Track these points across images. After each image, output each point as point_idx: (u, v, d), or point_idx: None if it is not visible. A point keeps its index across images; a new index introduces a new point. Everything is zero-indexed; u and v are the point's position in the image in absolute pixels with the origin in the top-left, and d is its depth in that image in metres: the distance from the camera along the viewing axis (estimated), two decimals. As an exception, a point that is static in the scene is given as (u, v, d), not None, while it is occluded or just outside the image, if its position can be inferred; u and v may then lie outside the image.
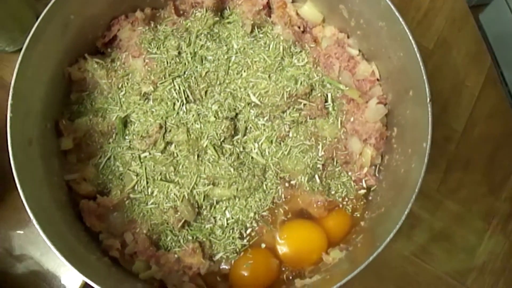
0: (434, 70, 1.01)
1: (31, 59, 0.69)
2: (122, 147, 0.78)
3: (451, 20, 1.05)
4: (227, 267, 0.76)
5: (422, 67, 0.68)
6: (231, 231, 0.76)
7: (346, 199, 0.79)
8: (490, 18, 1.67)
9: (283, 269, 0.77)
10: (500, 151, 1.00)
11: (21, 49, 0.68)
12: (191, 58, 0.79)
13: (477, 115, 1.01)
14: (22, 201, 0.68)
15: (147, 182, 0.76)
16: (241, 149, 0.78)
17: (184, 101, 0.78)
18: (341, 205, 0.79)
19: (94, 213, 0.75)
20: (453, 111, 1.00)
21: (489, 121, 1.01)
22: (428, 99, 0.67)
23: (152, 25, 0.82)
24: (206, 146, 0.76)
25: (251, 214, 0.77)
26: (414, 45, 0.69)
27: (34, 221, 0.63)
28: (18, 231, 0.87)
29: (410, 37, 0.69)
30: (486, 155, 0.99)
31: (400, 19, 0.70)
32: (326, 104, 0.80)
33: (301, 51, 0.82)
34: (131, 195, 0.76)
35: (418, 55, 0.69)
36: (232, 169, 0.75)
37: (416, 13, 1.04)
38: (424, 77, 0.68)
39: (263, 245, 0.77)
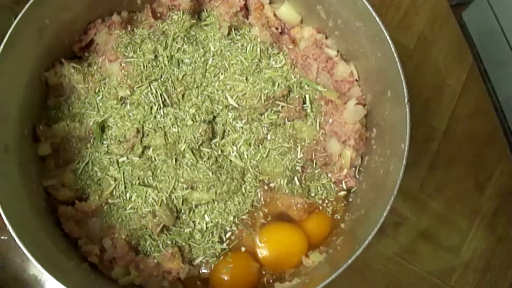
0: (414, 69, 1.01)
1: (6, 64, 0.68)
2: (100, 152, 0.78)
3: (431, 19, 1.05)
4: (207, 271, 0.76)
5: (399, 68, 0.68)
6: (210, 235, 0.76)
7: (326, 201, 0.79)
8: (473, 16, 1.68)
9: (263, 272, 0.76)
10: (483, 149, 1.00)
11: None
12: (168, 61, 0.78)
13: (459, 114, 1.00)
14: None
15: (125, 187, 0.76)
16: (220, 153, 0.77)
17: (161, 105, 0.77)
18: (321, 207, 0.79)
19: (72, 219, 0.74)
20: (434, 110, 0.99)
21: (472, 119, 1.01)
22: (406, 100, 0.67)
23: (129, 28, 0.81)
24: (184, 150, 0.76)
25: (231, 218, 0.76)
26: (392, 46, 0.69)
27: (10, 229, 0.62)
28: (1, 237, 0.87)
29: (388, 37, 0.69)
30: (468, 153, 0.99)
31: (377, 19, 0.70)
32: (304, 106, 0.79)
33: (278, 53, 0.81)
34: (110, 201, 0.76)
35: (395, 55, 0.68)
36: (210, 173, 0.74)
37: (396, 12, 1.04)
38: (402, 78, 0.68)
39: (243, 249, 0.77)
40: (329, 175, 0.79)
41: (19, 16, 0.69)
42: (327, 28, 0.82)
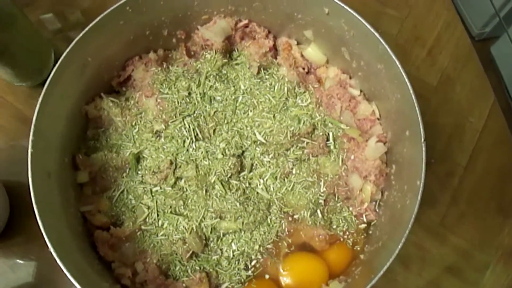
0: (437, 106, 1.07)
1: (51, 98, 0.77)
2: (134, 181, 0.86)
3: (455, 57, 1.12)
4: (232, 297, 0.83)
5: (417, 110, 0.74)
6: (236, 262, 0.83)
7: (347, 233, 0.86)
8: (501, 51, 1.74)
9: (286, 299, 0.83)
10: (504, 184, 1.05)
11: (40, 84, 0.76)
12: (201, 98, 0.88)
13: (480, 149, 1.06)
14: (38, 231, 0.77)
15: (157, 215, 0.84)
16: (247, 185, 0.85)
17: (194, 139, 0.86)
18: (342, 239, 0.86)
19: (107, 243, 0.82)
20: (456, 146, 1.05)
21: (493, 155, 1.06)
22: (422, 139, 0.74)
23: (164, 66, 0.91)
24: (214, 181, 0.84)
25: (256, 247, 0.84)
26: (410, 88, 0.75)
27: (52, 250, 0.69)
28: (32, 261, 0.94)
29: (406, 81, 0.76)
30: (489, 188, 1.04)
31: (397, 63, 0.77)
32: (328, 142, 0.87)
33: (304, 92, 0.90)
34: (143, 227, 0.84)
35: (413, 98, 0.75)
36: (238, 204, 0.82)
37: (421, 50, 1.11)
38: (419, 119, 0.74)
39: (267, 276, 0.84)
40: (350, 208, 0.86)
41: (64, 54, 0.78)
42: (351, 68, 0.90)
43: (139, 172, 0.87)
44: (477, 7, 1.84)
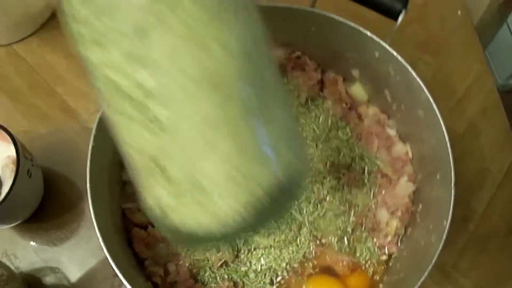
0: (462, 153, 1.14)
1: None
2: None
3: (482, 109, 1.20)
4: (256, 308, 0.89)
5: (450, 156, 0.82)
6: (263, 276, 0.90)
7: (369, 262, 0.92)
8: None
9: (306, 318, 0.90)
10: (517, 237, 1.11)
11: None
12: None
13: (498, 199, 1.13)
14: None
15: None
16: None
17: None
18: (363, 267, 0.92)
19: (143, 241, 0.89)
20: (475, 194, 1.12)
21: (509, 206, 1.13)
22: (453, 184, 0.80)
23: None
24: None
25: (283, 264, 0.90)
26: (446, 136, 0.83)
27: (100, 239, 0.76)
28: (56, 247, 1.01)
29: (444, 129, 0.83)
30: (503, 238, 1.10)
31: (437, 112, 0.84)
32: (363, 176, 0.95)
33: (346, 126, 0.98)
34: None
35: (448, 145, 0.82)
36: (272, 221, 0.89)
37: (451, 99, 1.19)
38: (452, 165, 0.81)
39: (290, 293, 0.91)
40: (375, 239, 0.93)
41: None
42: (390, 110, 0.98)
43: None
44: (503, 59, 1.93)
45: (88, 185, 0.79)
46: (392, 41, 0.90)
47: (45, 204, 1.02)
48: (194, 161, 0.44)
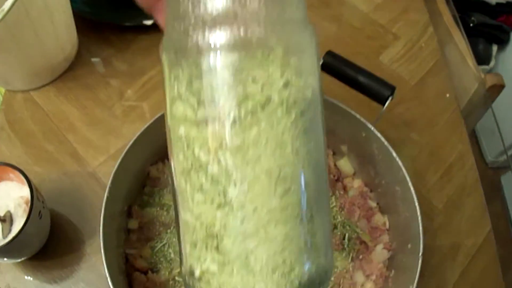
0: (439, 226, 1.30)
1: (129, 156, 1.03)
2: (177, 238, 1.10)
3: (462, 186, 1.37)
4: None
5: (420, 229, 0.97)
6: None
7: (343, 320, 1.08)
8: (510, 182, 2.02)
9: None
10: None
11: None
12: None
13: (470, 271, 1.27)
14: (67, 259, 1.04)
15: None
16: None
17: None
18: (338, 325, 1.08)
19: (143, 285, 1.04)
20: (449, 265, 1.27)
21: (480, 278, 1.28)
22: (420, 253, 0.96)
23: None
24: None
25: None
26: (418, 211, 0.99)
27: (109, 279, 0.92)
28: (57, 285, 1.14)
29: (417, 205, 0.99)
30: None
31: (412, 190, 1.01)
32: (343, 241, 1.12)
33: (331, 196, 1.16)
34: (176, 278, 1.05)
35: (419, 219, 0.98)
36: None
37: (433, 175, 1.37)
38: (421, 237, 0.97)
39: None
40: (351, 299, 1.10)
41: (150, 122, 1.06)
42: (373, 184, 1.16)
43: None
44: (494, 140, 2.14)
45: (101, 230, 0.96)
46: (380, 120, 1.10)
47: (49, 244, 1.17)
48: (247, 240, 0.53)
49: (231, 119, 0.53)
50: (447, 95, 1.53)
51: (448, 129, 1.48)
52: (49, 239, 1.17)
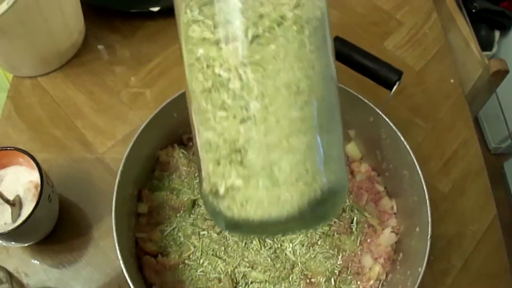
0: (445, 212, 1.29)
1: (140, 141, 1.02)
2: (186, 222, 1.08)
3: (467, 171, 1.36)
4: (252, 338, 1.04)
5: (429, 212, 0.97)
6: (258, 308, 1.04)
7: (352, 302, 1.07)
8: (513, 167, 2.01)
9: None
10: (493, 288, 1.24)
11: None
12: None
13: (476, 256, 1.27)
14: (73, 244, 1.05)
15: (201, 254, 1.05)
16: (279, 246, 1.07)
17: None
18: (346, 307, 1.07)
19: (153, 268, 1.04)
20: (455, 249, 1.27)
21: (486, 263, 1.27)
22: (429, 236, 0.95)
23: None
24: (253, 237, 1.06)
25: (276, 298, 1.04)
26: (426, 195, 0.98)
27: (121, 262, 0.91)
28: (64, 268, 1.15)
29: (424, 188, 0.99)
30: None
31: (420, 173, 1.00)
32: (351, 225, 1.11)
33: (340, 181, 1.17)
34: (186, 261, 1.05)
35: (428, 203, 0.98)
36: (269, 259, 1.04)
37: (439, 161, 1.36)
38: (429, 220, 0.96)
39: (282, 326, 1.04)
40: (358, 282, 1.07)
41: (159, 108, 1.05)
42: (380, 168, 1.16)
43: (192, 216, 1.09)
44: (497, 126, 2.13)
45: (113, 214, 0.96)
46: (387, 105, 1.09)
47: (57, 229, 1.17)
48: (271, 151, 0.56)
49: (249, 37, 0.55)
50: (452, 81, 1.52)
51: (452, 114, 1.48)
52: (57, 224, 1.17)
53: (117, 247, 0.93)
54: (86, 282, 1.14)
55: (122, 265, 0.92)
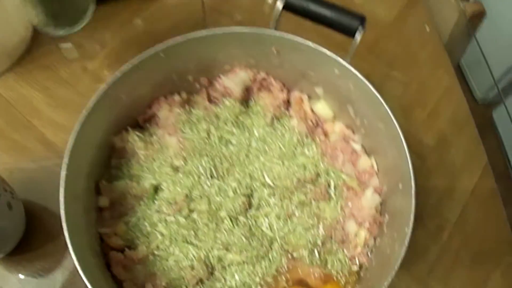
0: (433, 165, 1.21)
1: (85, 128, 0.91)
2: (151, 209, 0.98)
3: (452, 121, 1.27)
4: (232, 324, 0.95)
5: (410, 166, 0.86)
6: (238, 292, 0.95)
7: (341, 273, 0.97)
8: (502, 116, 1.90)
9: (280, 330, 0.95)
10: (489, 242, 1.17)
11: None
12: (218, 141, 1.03)
13: (470, 209, 1.19)
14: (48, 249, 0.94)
15: (170, 242, 0.96)
16: (253, 222, 0.98)
17: (209, 177, 1.00)
18: (335, 278, 0.97)
19: (121, 264, 0.94)
20: (447, 204, 1.18)
21: (481, 215, 1.19)
22: (413, 192, 0.85)
23: (186, 108, 1.06)
24: (224, 216, 0.96)
25: (257, 279, 0.95)
26: (405, 147, 0.88)
27: (78, 266, 0.80)
28: (41, 277, 1.05)
29: (403, 140, 0.88)
30: (476, 246, 1.16)
31: (396, 124, 0.89)
32: (329, 190, 1.01)
33: (312, 143, 1.05)
34: (155, 252, 0.95)
35: (407, 154, 0.87)
36: (244, 238, 0.95)
37: (422, 112, 1.27)
38: (411, 175, 0.86)
39: (265, 307, 0.95)
40: (345, 251, 0.98)
41: (101, 90, 0.93)
42: (354, 125, 1.05)
43: (156, 202, 0.99)
44: (481, 74, 2.02)
45: (63, 214, 0.85)
46: (360, 58, 0.98)
47: (28, 237, 1.07)
48: None
49: None
50: (427, 29, 1.40)
51: (431, 63, 1.37)
52: (27, 232, 1.07)
53: (70, 249, 0.82)
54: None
55: (78, 267, 0.81)
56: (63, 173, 0.88)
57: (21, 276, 1.06)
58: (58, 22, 1.18)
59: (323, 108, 1.08)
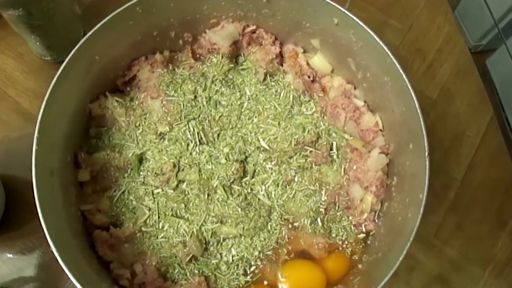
0: (436, 119, 1.09)
1: (58, 95, 0.77)
2: (136, 182, 0.87)
3: (455, 71, 1.14)
4: (230, 301, 0.84)
5: (422, 123, 0.76)
6: (235, 267, 0.84)
7: (346, 242, 0.87)
8: (496, 63, 1.77)
9: (283, 306, 0.84)
10: (498, 199, 1.07)
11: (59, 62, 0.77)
12: (206, 102, 0.89)
13: (477, 164, 1.08)
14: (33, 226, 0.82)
15: (158, 217, 0.84)
16: (249, 191, 0.86)
17: (198, 143, 0.87)
18: (340, 248, 0.87)
19: (106, 243, 0.82)
20: (453, 160, 1.07)
21: (489, 170, 1.08)
22: (426, 154, 0.75)
23: (170, 67, 0.91)
24: (216, 186, 0.85)
25: (256, 253, 0.84)
26: (416, 102, 0.77)
27: (53, 248, 0.69)
28: (25, 255, 0.95)
29: (413, 94, 0.77)
30: (484, 203, 1.06)
31: (404, 76, 0.78)
32: (331, 152, 0.89)
33: (309, 100, 0.91)
34: (143, 228, 0.84)
35: (419, 111, 0.76)
36: (239, 209, 0.83)
37: (422, 63, 1.14)
38: (424, 133, 0.75)
39: (266, 282, 0.85)
40: (350, 218, 0.87)
41: (72, 51, 0.78)
42: (356, 79, 0.92)
43: (141, 173, 0.87)
44: (475, 19, 1.87)
45: (35, 190, 0.72)
46: (354, 7, 0.84)
47: (8, 215, 0.96)
48: None
49: None
50: (423, -26, 1.24)
51: (430, 10, 1.22)
52: (8, 209, 0.96)
53: (45, 230, 0.71)
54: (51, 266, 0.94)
55: (54, 250, 0.70)
56: (34, 148, 0.75)
57: (5, 257, 0.96)
58: (54, 52, 1.06)
59: (320, 61, 0.94)
